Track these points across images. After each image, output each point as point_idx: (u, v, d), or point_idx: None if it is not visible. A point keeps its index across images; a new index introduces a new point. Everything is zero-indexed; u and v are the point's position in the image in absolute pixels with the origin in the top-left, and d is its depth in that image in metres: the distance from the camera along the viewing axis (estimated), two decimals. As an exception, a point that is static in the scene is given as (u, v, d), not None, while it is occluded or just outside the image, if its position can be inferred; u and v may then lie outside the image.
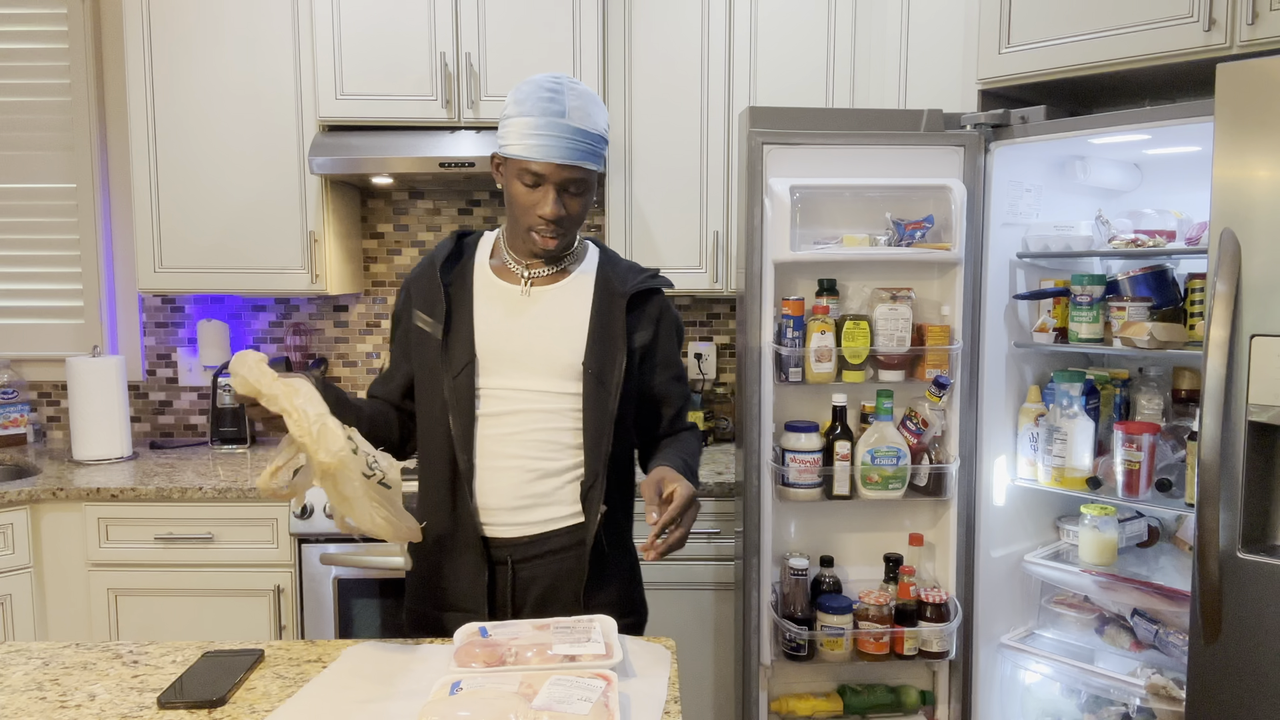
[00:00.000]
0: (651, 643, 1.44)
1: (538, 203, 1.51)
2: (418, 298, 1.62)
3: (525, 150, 1.48)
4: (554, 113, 1.48)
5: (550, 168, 1.48)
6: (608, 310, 1.59)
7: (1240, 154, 1.70)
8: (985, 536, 2.31)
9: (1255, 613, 1.70)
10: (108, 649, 1.43)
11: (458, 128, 2.69)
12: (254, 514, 2.47)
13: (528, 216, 1.52)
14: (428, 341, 1.58)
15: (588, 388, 1.55)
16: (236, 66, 2.70)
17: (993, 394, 2.31)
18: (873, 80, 2.70)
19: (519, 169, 1.50)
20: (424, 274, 1.64)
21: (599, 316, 1.58)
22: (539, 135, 1.47)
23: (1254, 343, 1.69)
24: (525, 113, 1.49)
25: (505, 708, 1.10)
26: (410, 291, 1.64)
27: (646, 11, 2.72)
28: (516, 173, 1.51)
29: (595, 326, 1.57)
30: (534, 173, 1.49)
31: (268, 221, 2.75)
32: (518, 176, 1.51)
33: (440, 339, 1.56)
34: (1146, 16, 2.00)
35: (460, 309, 1.58)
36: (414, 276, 1.66)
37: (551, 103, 1.48)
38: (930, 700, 2.37)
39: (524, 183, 1.50)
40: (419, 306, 1.61)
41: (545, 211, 1.50)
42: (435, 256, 1.63)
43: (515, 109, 1.51)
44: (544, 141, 1.47)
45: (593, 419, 1.55)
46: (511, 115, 1.51)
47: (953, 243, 2.19)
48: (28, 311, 3.10)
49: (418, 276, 1.65)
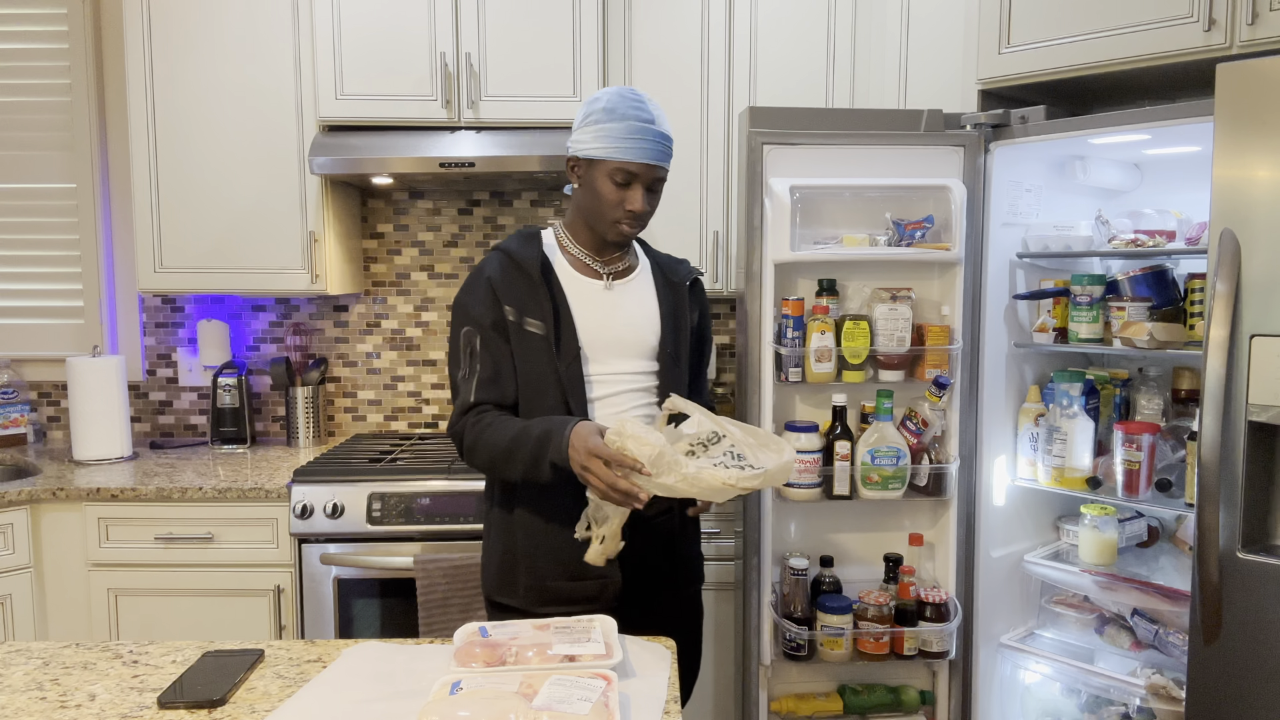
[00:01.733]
0: (651, 642, 1.44)
1: (627, 198, 1.69)
2: (513, 301, 1.70)
3: (621, 153, 1.66)
4: (645, 119, 1.68)
5: (643, 167, 1.68)
6: (673, 297, 1.83)
7: (1240, 154, 1.70)
8: (985, 536, 2.31)
9: (1255, 613, 1.70)
10: (108, 649, 1.43)
11: (458, 128, 2.69)
12: (254, 514, 2.47)
13: (615, 211, 1.70)
14: (534, 340, 1.69)
15: (665, 366, 1.78)
16: (236, 66, 2.70)
17: (993, 394, 2.31)
18: (873, 80, 2.70)
19: (611, 169, 1.67)
20: (515, 278, 1.71)
21: (666, 303, 1.82)
22: (634, 139, 1.66)
23: (1254, 343, 1.69)
24: (619, 119, 1.67)
25: (505, 708, 1.10)
26: (498, 294, 1.70)
27: (646, 11, 2.72)
28: (608, 173, 1.68)
29: (665, 312, 1.81)
30: (629, 172, 1.67)
31: (268, 221, 2.75)
32: (609, 176, 1.68)
33: (549, 335, 1.69)
34: (1146, 16, 2.00)
35: (560, 305, 1.72)
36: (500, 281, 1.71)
37: (641, 111, 1.68)
38: (930, 700, 2.37)
39: (615, 181, 1.68)
40: (516, 307, 1.69)
41: (635, 206, 1.69)
42: (522, 259, 1.71)
43: (605, 116, 1.68)
44: (640, 145, 1.66)
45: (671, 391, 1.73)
46: (601, 122, 1.68)
47: (953, 243, 2.19)
48: (28, 311, 3.10)
49: (508, 282, 1.71)
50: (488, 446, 1.65)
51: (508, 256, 1.73)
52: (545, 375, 1.68)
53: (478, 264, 1.79)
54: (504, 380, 1.70)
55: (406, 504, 2.42)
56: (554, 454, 1.56)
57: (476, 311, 1.71)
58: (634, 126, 1.66)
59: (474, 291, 1.72)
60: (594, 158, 1.68)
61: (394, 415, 3.17)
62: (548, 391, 1.68)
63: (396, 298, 3.15)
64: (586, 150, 1.69)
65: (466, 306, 1.72)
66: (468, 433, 1.68)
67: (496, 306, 1.69)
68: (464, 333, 1.72)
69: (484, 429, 1.66)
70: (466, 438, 1.69)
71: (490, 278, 1.71)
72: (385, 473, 2.47)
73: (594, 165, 1.69)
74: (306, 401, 3.01)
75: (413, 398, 3.17)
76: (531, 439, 1.60)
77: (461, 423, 1.69)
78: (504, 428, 1.64)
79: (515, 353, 1.70)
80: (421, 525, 2.42)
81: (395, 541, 2.42)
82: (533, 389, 1.69)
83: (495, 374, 1.70)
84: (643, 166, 1.67)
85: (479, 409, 1.69)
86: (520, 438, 1.61)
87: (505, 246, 1.75)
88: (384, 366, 3.16)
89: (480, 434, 1.66)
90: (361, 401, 3.17)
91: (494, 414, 1.68)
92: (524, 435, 1.61)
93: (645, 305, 1.80)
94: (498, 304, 1.69)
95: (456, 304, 1.75)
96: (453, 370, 1.74)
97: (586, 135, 1.69)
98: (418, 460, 2.59)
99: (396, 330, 3.16)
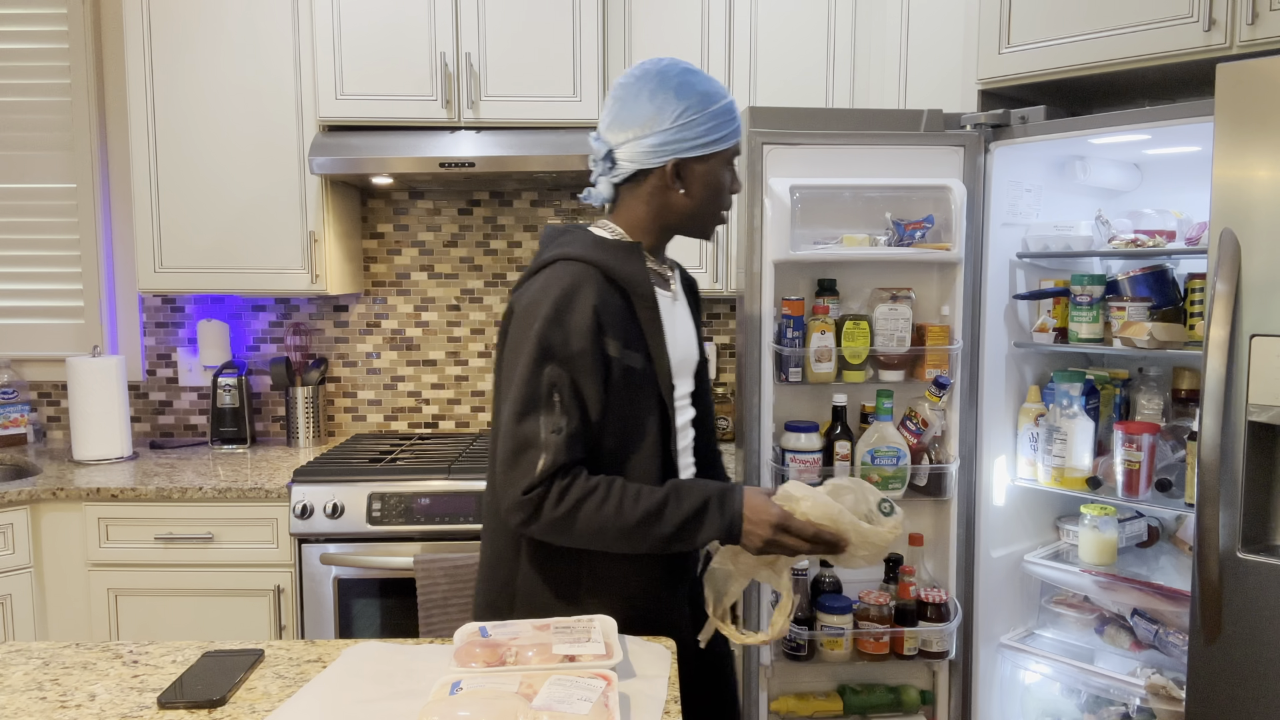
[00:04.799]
0: (651, 642, 1.44)
1: (731, 182, 1.54)
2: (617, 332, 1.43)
3: (736, 134, 1.50)
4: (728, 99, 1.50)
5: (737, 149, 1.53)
6: (694, 305, 1.67)
7: (1240, 154, 1.70)
8: (985, 536, 2.31)
9: (1255, 613, 1.70)
10: (108, 649, 1.43)
11: (458, 128, 2.69)
12: (254, 514, 2.47)
13: (725, 200, 1.54)
14: (633, 376, 1.45)
15: (703, 384, 1.67)
16: (237, 66, 2.70)
17: (993, 394, 2.31)
18: (873, 80, 2.70)
19: (729, 156, 1.51)
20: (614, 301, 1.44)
21: (694, 313, 1.67)
22: (735, 114, 1.50)
23: (1254, 343, 1.69)
24: (716, 99, 1.48)
25: (505, 708, 1.10)
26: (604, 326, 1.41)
27: (646, 11, 2.72)
28: (725, 162, 1.51)
29: (696, 321, 1.67)
30: (731, 158, 1.52)
31: (268, 221, 2.75)
32: (727, 165, 1.52)
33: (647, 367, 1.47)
34: (1146, 16, 2.00)
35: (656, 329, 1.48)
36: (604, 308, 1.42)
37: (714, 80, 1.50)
38: (930, 700, 2.37)
39: (730, 168, 1.53)
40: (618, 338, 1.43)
41: (738, 186, 1.54)
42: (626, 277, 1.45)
43: (701, 102, 1.46)
44: (736, 126, 1.50)
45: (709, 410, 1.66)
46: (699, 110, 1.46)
47: (953, 243, 2.19)
48: (28, 311, 3.10)
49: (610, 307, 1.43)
50: (598, 517, 1.38)
51: (602, 274, 1.43)
52: (647, 415, 1.46)
53: (564, 283, 1.41)
54: (590, 432, 1.42)
55: (406, 504, 2.42)
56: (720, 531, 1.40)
57: (571, 347, 1.39)
58: (731, 101, 1.50)
59: (568, 321, 1.39)
60: (715, 150, 1.48)
61: (394, 415, 3.17)
62: (650, 433, 1.47)
63: (396, 298, 3.15)
64: (702, 145, 1.46)
65: (553, 341, 1.38)
66: (559, 500, 1.38)
67: (598, 339, 1.40)
68: (547, 374, 1.38)
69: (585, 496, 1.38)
70: (559, 506, 1.38)
71: (597, 306, 1.40)
72: (385, 473, 2.47)
73: (710, 159, 1.49)
74: (306, 401, 3.02)
75: (413, 398, 3.17)
76: (683, 510, 1.39)
77: (547, 488, 1.38)
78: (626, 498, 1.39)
79: (614, 394, 1.43)
80: (421, 525, 2.42)
81: (395, 541, 2.42)
82: (633, 432, 1.45)
83: (583, 426, 1.41)
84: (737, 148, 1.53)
85: (565, 471, 1.39)
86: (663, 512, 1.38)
87: (597, 260, 1.43)
88: (384, 366, 3.16)
89: (580, 502, 1.38)
90: (361, 401, 3.17)
91: (585, 477, 1.39)
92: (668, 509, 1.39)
93: (688, 314, 1.63)
94: (599, 336, 1.40)
95: (539, 337, 1.38)
96: (527, 416, 1.38)
97: (695, 130, 1.45)
98: (418, 460, 2.59)
99: (396, 330, 3.16)
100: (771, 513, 1.40)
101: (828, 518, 1.41)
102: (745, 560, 1.49)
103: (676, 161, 1.48)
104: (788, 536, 1.41)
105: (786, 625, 1.50)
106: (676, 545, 1.41)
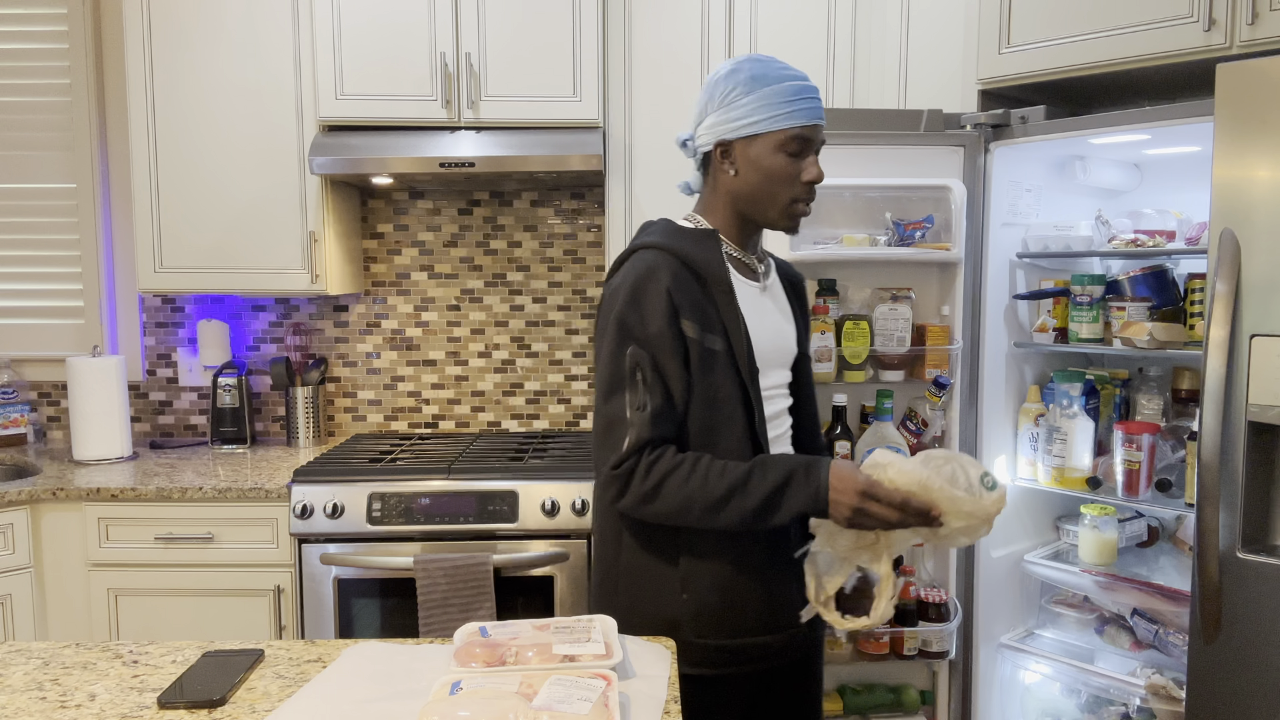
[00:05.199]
0: (651, 642, 1.44)
1: (803, 169, 1.50)
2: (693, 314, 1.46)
3: (793, 118, 1.46)
4: (796, 76, 1.49)
5: (816, 129, 1.50)
6: (797, 297, 1.67)
7: (1240, 154, 1.70)
8: (985, 536, 2.31)
9: (1255, 613, 1.70)
10: (108, 649, 1.43)
11: (458, 128, 2.69)
12: (254, 514, 2.47)
13: (792, 188, 1.50)
14: (715, 359, 1.47)
15: (803, 376, 1.65)
16: (236, 66, 2.70)
17: (993, 394, 2.31)
18: (873, 80, 2.70)
19: (783, 140, 1.47)
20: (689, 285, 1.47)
21: (795, 303, 1.66)
22: (801, 100, 1.47)
23: (1254, 343, 1.69)
24: (774, 82, 1.47)
25: (505, 708, 1.10)
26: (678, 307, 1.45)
27: (646, 12, 2.72)
28: (778, 145, 1.48)
29: (797, 313, 1.65)
30: (802, 138, 1.48)
31: (268, 221, 2.75)
32: (780, 148, 1.48)
33: (728, 350, 1.48)
34: (1146, 16, 2.00)
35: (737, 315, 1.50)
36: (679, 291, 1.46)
37: (790, 70, 1.49)
38: (930, 700, 2.37)
39: (788, 152, 1.48)
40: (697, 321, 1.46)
41: (813, 174, 1.50)
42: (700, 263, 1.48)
43: (754, 84, 1.47)
44: (809, 104, 1.48)
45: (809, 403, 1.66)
46: (752, 90, 1.47)
47: (953, 243, 2.19)
48: (28, 311, 3.10)
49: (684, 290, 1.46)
50: (684, 492, 1.41)
51: (677, 259, 1.48)
52: (730, 398, 1.47)
53: (639, 268, 1.47)
54: (677, 412, 1.46)
55: (406, 504, 2.42)
56: (807, 502, 1.40)
57: (648, 328, 1.44)
58: (795, 86, 1.47)
59: (644, 303, 1.45)
60: (757, 132, 1.47)
61: (394, 415, 3.17)
62: (735, 417, 1.48)
63: (396, 298, 3.15)
64: (744, 127, 1.47)
65: (631, 323, 1.45)
66: (640, 475, 1.42)
67: (674, 321, 1.44)
68: (630, 353, 1.44)
69: (671, 472, 1.42)
70: (647, 480, 1.42)
71: (670, 289, 1.44)
72: (385, 473, 2.47)
73: (755, 141, 1.48)
74: (306, 401, 3.02)
75: (413, 398, 3.17)
76: (767, 484, 1.40)
77: (634, 462, 1.43)
78: (712, 472, 1.42)
79: (695, 375, 1.46)
80: (421, 525, 2.42)
81: (395, 541, 2.42)
82: (718, 416, 1.47)
83: (668, 404, 1.45)
84: (815, 128, 1.49)
85: (652, 446, 1.44)
86: (748, 484, 1.40)
87: (672, 247, 1.49)
88: (384, 366, 3.16)
89: (665, 477, 1.42)
90: (361, 401, 3.17)
91: (672, 453, 1.44)
92: (753, 481, 1.41)
93: (785, 308, 1.62)
94: (675, 318, 1.44)
95: (618, 319, 1.45)
96: (611, 396, 1.45)
97: (738, 112, 1.47)
98: (418, 460, 2.60)
99: (396, 330, 3.16)
100: (857, 480, 1.38)
101: (916, 483, 1.36)
102: (843, 541, 1.44)
103: (721, 142, 1.51)
104: (875, 504, 1.37)
105: (889, 610, 1.44)
106: (765, 519, 1.42)
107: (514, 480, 2.44)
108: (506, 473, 2.47)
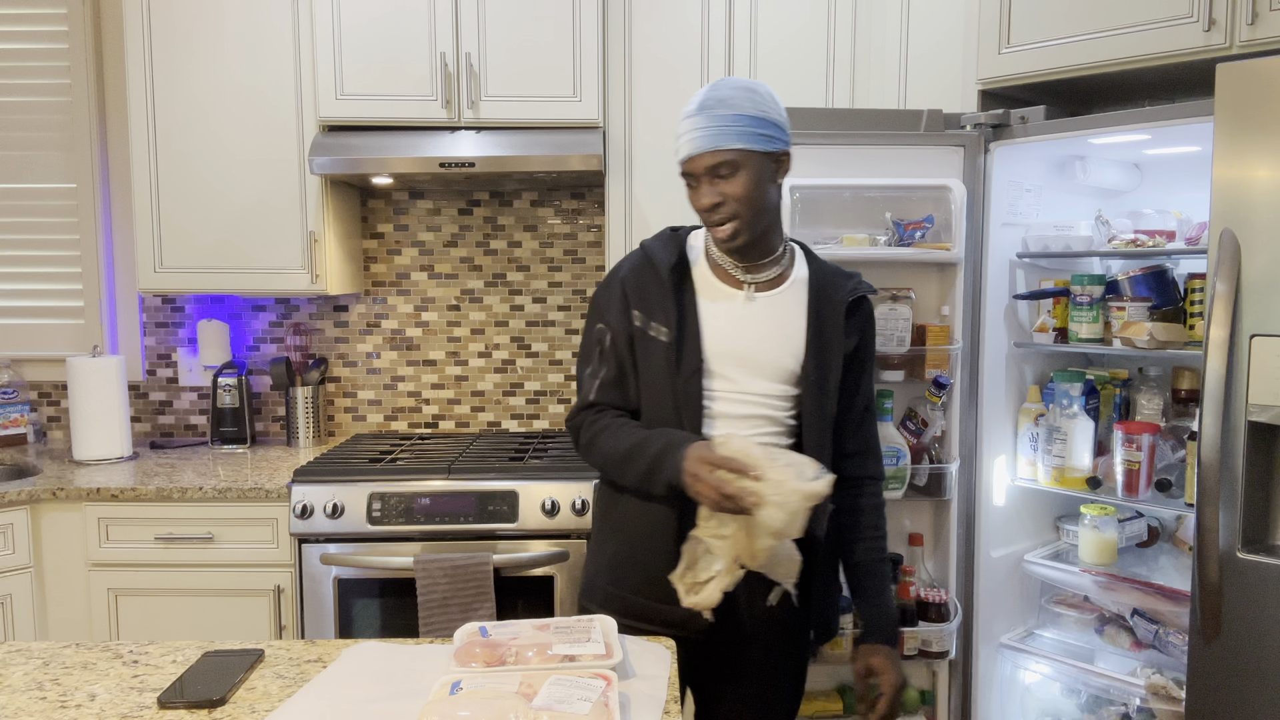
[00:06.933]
0: (651, 643, 1.44)
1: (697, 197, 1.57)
2: (640, 302, 1.62)
3: (678, 154, 1.57)
4: (686, 114, 1.56)
5: (693, 161, 1.55)
6: (827, 317, 1.64)
7: (1240, 154, 1.70)
8: (985, 536, 2.31)
9: (1255, 613, 1.70)
10: (108, 649, 1.43)
11: (458, 128, 2.69)
12: (254, 514, 2.47)
13: (702, 217, 1.59)
14: (655, 346, 1.60)
15: (808, 393, 1.62)
16: (236, 66, 2.70)
17: (993, 394, 2.31)
18: (873, 80, 2.70)
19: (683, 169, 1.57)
20: (648, 280, 1.62)
21: (817, 323, 1.64)
22: (683, 135, 1.55)
23: (1254, 343, 1.69)
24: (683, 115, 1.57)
25: (505, 708, 1.10)
26: (628, 296, 1.63)
27: (646, 12, 2.72)
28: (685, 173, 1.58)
29: (813, 333, 1.63)
30: (686, 174, 1.58)
31: (268, 221, 2.75)
32: (687, 176, 1.58)
33: (672, 343, 1.58)
34: (1146, 16, 2.00)
35: (688, 313, 1.61)
36: (632, 282, 1.63)
37: (696, 97, 1.56)
38: (930, 700, 2.37)
39: (689, 186, 1.59)
40: (643, 311, 1.61)
41: (699, 204, 1.57)
42: (656, 260, 1.62)
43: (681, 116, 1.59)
44: (688, 136, 1.54)
45: (814, 423, 1.63)
46: None
47: (953, 243, 2.19)
48: (28, 311, 3.10)
49: (640, 283, 1.63)
50: (604, 448, 1.61)
51: (645, 256, 1.65)
52: (663, 386, 1.60)
53: (619, 262, 1.70)
54: (627, 385, 1.64)
55: (406, 504, 2.42)
56: (670, 472, 1.50)
57: (609, 312, 1.64)
58: (684, 119, 1.56)
59: (608, 290, 1.66)
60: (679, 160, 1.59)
61: (394, 415, 3.17)
62: (665, 403, 1.60)
63: (396, 298, 3.15)
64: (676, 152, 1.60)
65: (600, 305, 1.66)
66: (584, 430, 1.65)
67: (626, 309, 1.62)
68: (596, 329, 1.66)
69: (601, 430, 1.62)
70: (583, 434, 1.65)
71: (624, 278, 1.64)
72: (385, 473, 2.47)
73: None
74: (306, 401, 3.02)
75: (413, 398, 3.17)
76: (650, 451, 1.54)
77: (579, 418, 1.66)
78: (622, 433, 1.59)
79: (638, 360, 1.62)
80: (421, 525, 2.42)
81: (395, 541, 2.42)
82: (651, 399, 1.62)
83: (619, 377, 1.64)
84: (693, 160, 1.55)
85: (597, 408, 1.65)
86: (639, 448, 1.56)
87: (646, 244, 1.67)
88: (384, 366, 3.16)
89: (597, 434, 1.62)
90: (361, 401, 3.17)
91: (610, 415, 1.64)
92: (643, 446, 1.55)
93: (789, 323, 1.64)
94: (627, 307, 1.62)
95: (593, 299, 1.69)
96: (581, 364, 1.69)
97: None
98: (418, 460, 2.60)
99: (396, 330, 3.16)
100: (699, 449, 1.47)
101: (743, 453, 1.43)
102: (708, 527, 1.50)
103: None
104: (704, 467, 1.45)
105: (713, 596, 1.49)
106: (649, 483, 1.54)
107: (514, 480, 2.44)
108: (506, 473, 2.47)
